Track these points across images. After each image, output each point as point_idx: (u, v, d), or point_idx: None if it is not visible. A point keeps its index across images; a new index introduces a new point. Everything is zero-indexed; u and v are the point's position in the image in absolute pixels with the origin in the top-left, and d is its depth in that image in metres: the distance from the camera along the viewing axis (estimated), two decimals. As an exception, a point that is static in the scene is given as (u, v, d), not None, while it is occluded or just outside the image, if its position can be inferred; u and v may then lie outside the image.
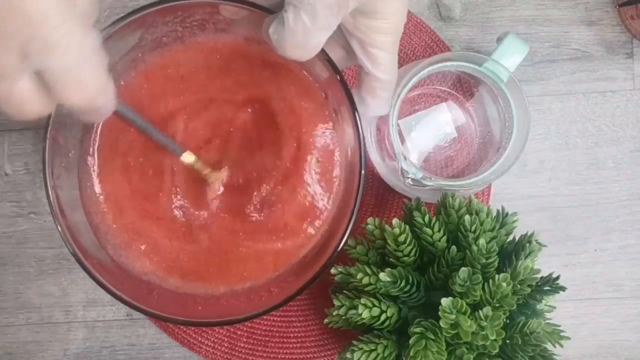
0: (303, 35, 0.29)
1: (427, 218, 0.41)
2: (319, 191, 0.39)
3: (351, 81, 0.50)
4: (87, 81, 0.25)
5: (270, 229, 0.39)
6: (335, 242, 0.36)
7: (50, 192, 0.34)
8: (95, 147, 0.39)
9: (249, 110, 0.39)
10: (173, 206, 0.39)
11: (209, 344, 0.49)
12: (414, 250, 0.41)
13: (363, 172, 0.35)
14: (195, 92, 0.39)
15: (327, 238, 0.39)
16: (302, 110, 0.39)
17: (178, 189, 0.39)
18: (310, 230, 0.39)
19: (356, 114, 0.35)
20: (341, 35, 0.33)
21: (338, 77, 0.35)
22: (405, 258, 0.41)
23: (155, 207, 0.39)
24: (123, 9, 0.50)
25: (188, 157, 0.37)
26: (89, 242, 0.37)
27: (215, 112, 0.39)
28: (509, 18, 0.50)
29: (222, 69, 0.39)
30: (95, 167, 0.39)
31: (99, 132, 0.38)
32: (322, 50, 0.32)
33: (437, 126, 0.49)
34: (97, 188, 0.39)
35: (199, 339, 0.50)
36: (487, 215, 0.41)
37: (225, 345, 0.49)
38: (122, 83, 0.38)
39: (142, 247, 0.39)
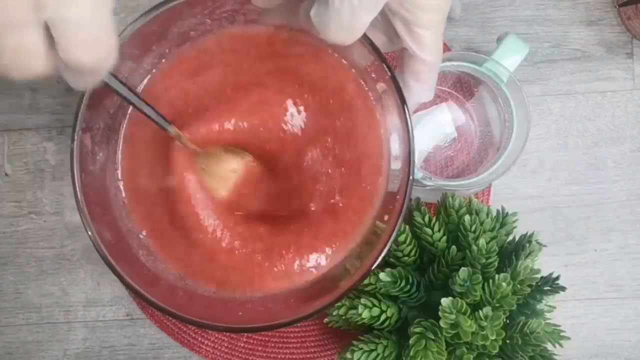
0: (350, 16, 0.28)
1: (427, 218, 0.41)
2: (361, 192, 0.37)
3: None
4: (102, 39, 0.23)
5: (310, 233, 0.37)
6: (381, 245, 0.34)
7: (79, 194, 0.33)
8: (120, 150, 0.37)
9: (284, 101, 0.37)
10: (201, 211, 0.37)
11: (209, 344, 0.49)
12: (414, 250, 0.41)
13: (411, 178, 0.33)
14: (227, 84, 0.37)
15: (366, 242, 0.37)
16: (341, 99, 0.37)
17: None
18: (351, 236, 0.37)
19: (404, 103, 0.33)
20: (382, 20, 0.32)
21: (382, 60, 0.33)
22: (405, 258, 0.41)
23: (185, 213, 0.37)
24: (123, 8, 0.50)
25: (173, 131, 0.34)
26: (119, 247, 0.35)
27: (246, 105, 0.37)
28: (509, 18, 0.50)
29: (253, 60, 0.37)
30: (121, 170, 0.37)
31: (123, 133, 0.37)
32: (364, 34, 0.30)
33: (437, 126, 0.49)
34: (124, 192, 0.37)
35: (199, 339, 0.50)
36: (487, 215, 0.41)
37: (225, 345, 0.49)
38: (148, 78, 0.37)
39: (174, 253, 0.37)
